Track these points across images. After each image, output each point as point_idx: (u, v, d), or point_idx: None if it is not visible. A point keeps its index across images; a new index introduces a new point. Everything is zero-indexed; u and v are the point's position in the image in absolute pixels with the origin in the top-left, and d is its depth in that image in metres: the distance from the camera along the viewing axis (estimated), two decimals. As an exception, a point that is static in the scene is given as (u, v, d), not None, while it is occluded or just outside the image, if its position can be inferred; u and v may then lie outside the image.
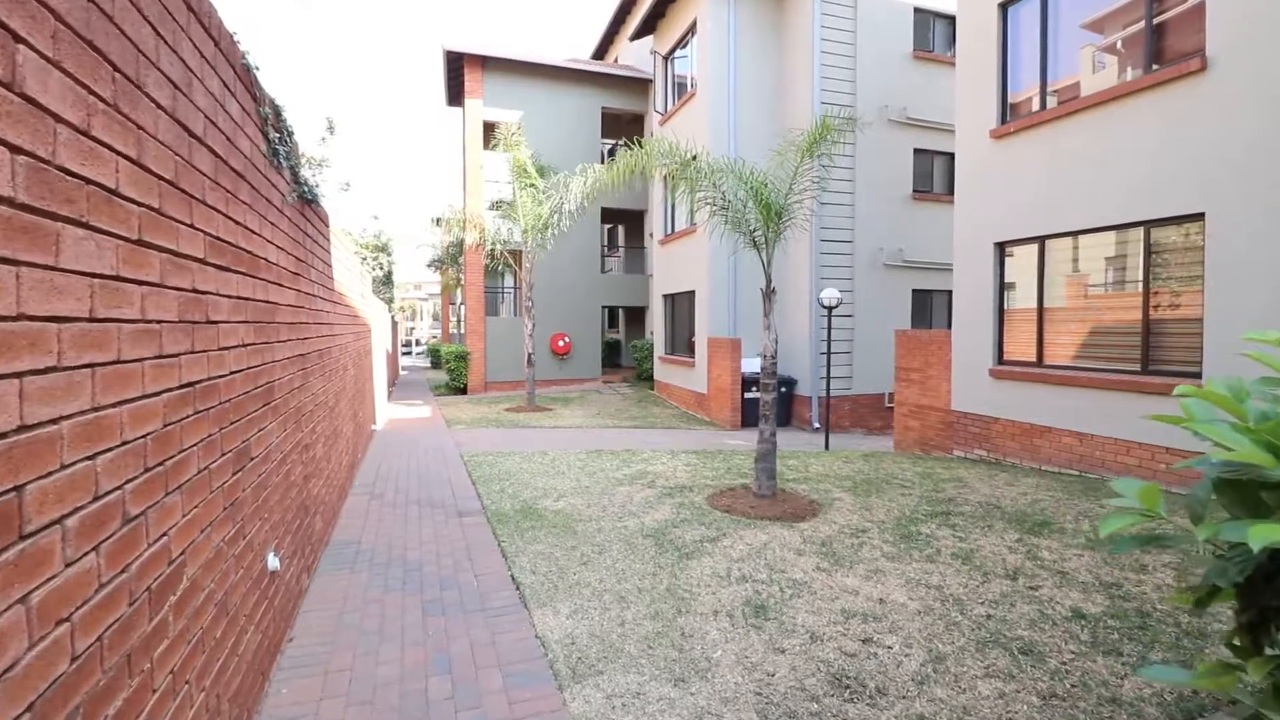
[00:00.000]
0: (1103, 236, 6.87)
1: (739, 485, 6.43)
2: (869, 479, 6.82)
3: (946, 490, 6.26)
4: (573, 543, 4.67)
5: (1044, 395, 7.33)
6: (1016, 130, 7.74)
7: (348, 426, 6.18)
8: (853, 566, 4.17)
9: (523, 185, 14.12)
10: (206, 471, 1.99)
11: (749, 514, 5.36)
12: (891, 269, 13.25)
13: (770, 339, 5.71)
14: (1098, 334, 6.93)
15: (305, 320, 3.83)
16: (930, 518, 5.27)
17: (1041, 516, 5.26)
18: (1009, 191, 7.84)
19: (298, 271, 3.59)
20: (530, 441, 9.62)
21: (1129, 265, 6.65)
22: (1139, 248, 6.46)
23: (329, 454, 4.81)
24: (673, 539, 4.73)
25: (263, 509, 2.68)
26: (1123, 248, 6.71)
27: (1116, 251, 6.81)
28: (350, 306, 6.59)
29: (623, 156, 5.58)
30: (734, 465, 7.59)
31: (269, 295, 2.86)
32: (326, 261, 4.89)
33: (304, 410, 3.78)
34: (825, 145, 5.82)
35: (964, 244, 8.57)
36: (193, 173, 1.92)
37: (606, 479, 6.80)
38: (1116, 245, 6.78)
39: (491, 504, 5.78)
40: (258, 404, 2.64)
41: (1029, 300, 7.73)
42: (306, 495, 3.80)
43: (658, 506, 5.67)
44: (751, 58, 13.26)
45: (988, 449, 8.09)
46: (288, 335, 3.29)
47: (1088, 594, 3.71)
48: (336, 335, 5.46)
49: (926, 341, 9.13)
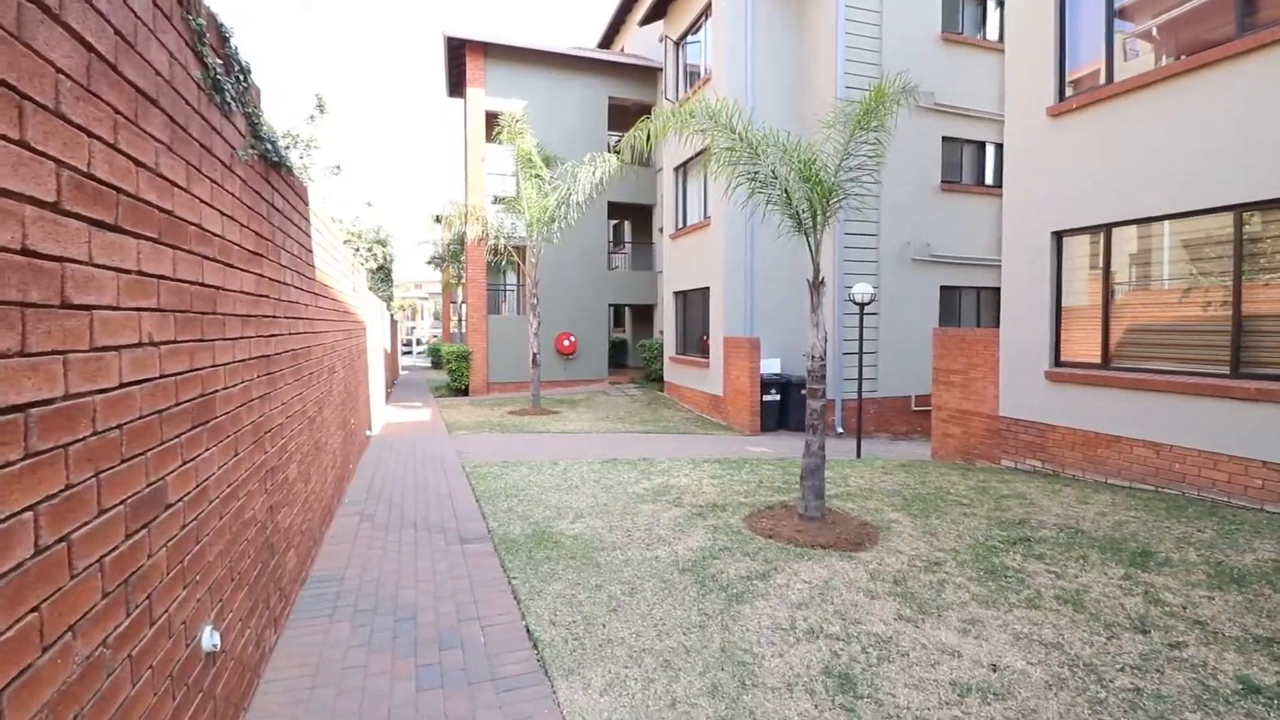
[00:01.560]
0: (1182, 223, 6.11)
1: (777, 504, 5.68)
2: (919, 495, 6.07)
3: (1012, 509, 5.52)
4: (597, 579, 3.92)
5: (1111, 400, 6.57)
6: (1079, 107, 6.98)
7: (335, 437, 5.44)
8: (941, 614, 3.42)
9: (528, 176, 13.38)
10: (65, 544, 1.25)
11: (797, 540, 4.61)
12: (919, 264, 12.50)
13: (820, 337, 4.96)
14: (1176, 333, 6.17)
15: (272, 313, 3.09)
16: (1009, 546, 4.52)
17: (1137, 544, 4.51)
18: (1068, 175, 7.09)
19: (259, 251, 2.84)
20: (537, 449, 8.88)
21: (1215, 255, 5.88)
22: (1228, 234, 5.70)
23: (307, 473, 4.07)
24: (715, 575, 3.98)
25: (192, 569, 1.94)
26: (1207, 235, 5.94)
27: (1199, 239, 6.05)
28: (339, 301, 5.84)
29: (657, 117, 4.82)
30: (764, 478, 6.84)
31: (206, 276, 2.12)
32: (306, 246, 4.14)
33: (269, 426, 3.04)
34: (879, 116, 5.09)
35: (1015, 234, 7.82)
36: (31, 58, 1.17)
37: (626, 495, 6.05)
38: (1199, 232, 6.01)
39: (499, 526, 5.04)
40: (183, 425, 1.90)
41: (1092, 295, 6.98)
42: (273, 531, 3.06)
43: (689, 530, 4.92)
44: (769, 42, 12.51)
45: (1043, 459, 7.34)
46: (242, 331, 2.55)
47: (1246, 655, 2.96)
48: (320, 333, 4.72)
49: (970, 341, 8.38)
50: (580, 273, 17.97)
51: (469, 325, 17.55)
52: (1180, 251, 6.26)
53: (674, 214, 15.19)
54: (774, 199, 4.86)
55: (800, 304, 12.86)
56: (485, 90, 17.09)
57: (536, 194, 13.26)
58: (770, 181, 4.71)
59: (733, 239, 12.46)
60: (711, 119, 4.54)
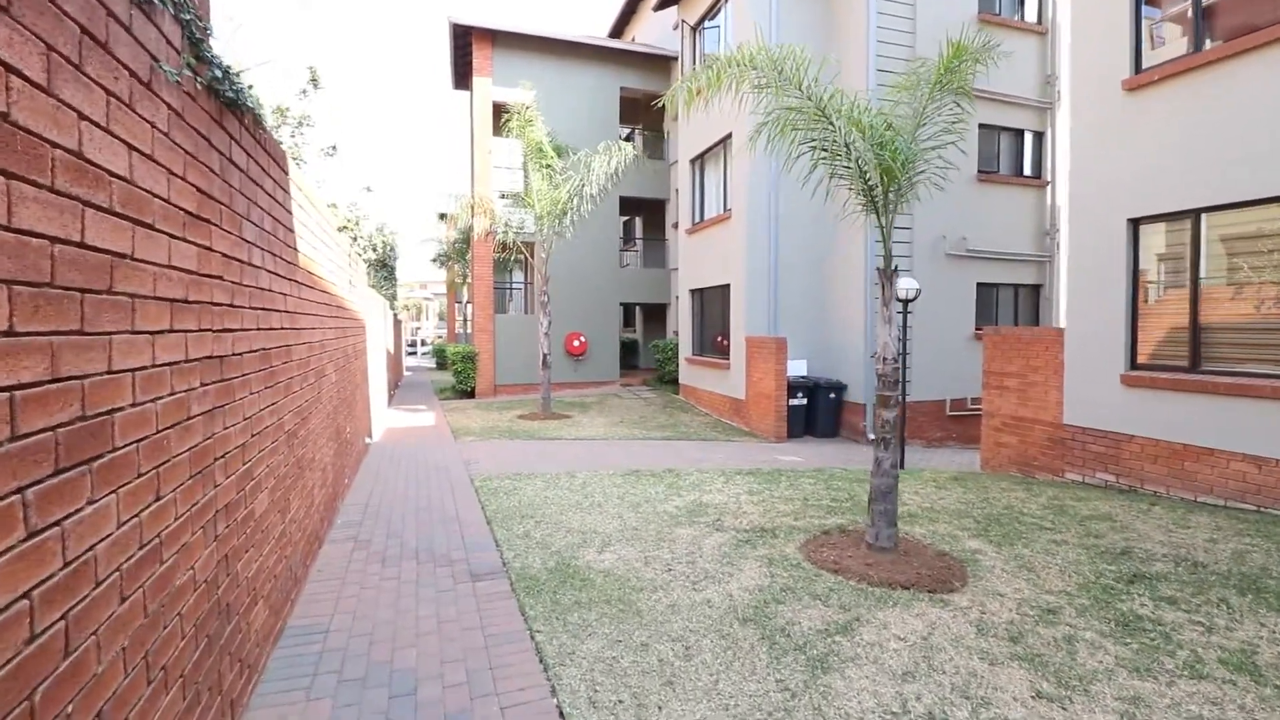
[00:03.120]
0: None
1: (834, 528, 4.93)
2: (990, 516, 5.32)
3: (1106, 535, 4.76)
4: (641, 633, 3.17)
5: (1202, 408, 5.80)
6: (1161, 79, 6.21)
7: (325, 451, 4.72)
8: (1088, 689, 2.67)
9: (538, 166, 12.65)
10: None
11: (870, 577, 3.86)
12: (954, 259, 11.72)
13: (892, 335, 4.21)
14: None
15: (228, 301, 2.36)
16: (1126, 585, 3.77)
17: (1275, 581, 3.76)
18: (1148, 157, 6.32)
19: (204, 215, 2.11)
20: (552, 458, 8.14)
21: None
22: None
23: (286, 500, 3.34)
24: (786, 627, 3.23)
25: (78, 677, 1.21)
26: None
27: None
28: (331, 294, 5.12)
29: (710, 65, 4.06)
30: (808, 494, 6.09)
31: (93, 235, 1.39)
32: (285, 224, 3.42)
33: (222, 450, 2.31)
34: (960, 75, 4.36)
35: (1082, 222, 7.05)
36: None
37: (657, 515, 5.31)
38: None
39: (515, 557, 4.29)
40: (38, 468, 1.17)
41: (1177, 290, 6.21)
42: (230, 586, 2.33)
43: (739, 563, 4.17)
44: (794, 26, 11.73)
45: (1116, 473, 6.57)
46: (172, 322, 1.82)
47: None
48: (305, 329, 3.99)
49: (1028, 341, 7.61)
50: (591, 270, 17.23)
51: (475, 325, 16.82)
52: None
53: (690, 207, 14.44)
54: (840, 171, 4.12)
55: (827, 300, 12.10)
56: (493, 80, 16.38)
57: (547, 186, 12.53)
58: (838, 150, 3.97)
59: (755, 232, 11.71)
60: (776, 68, 3.79)
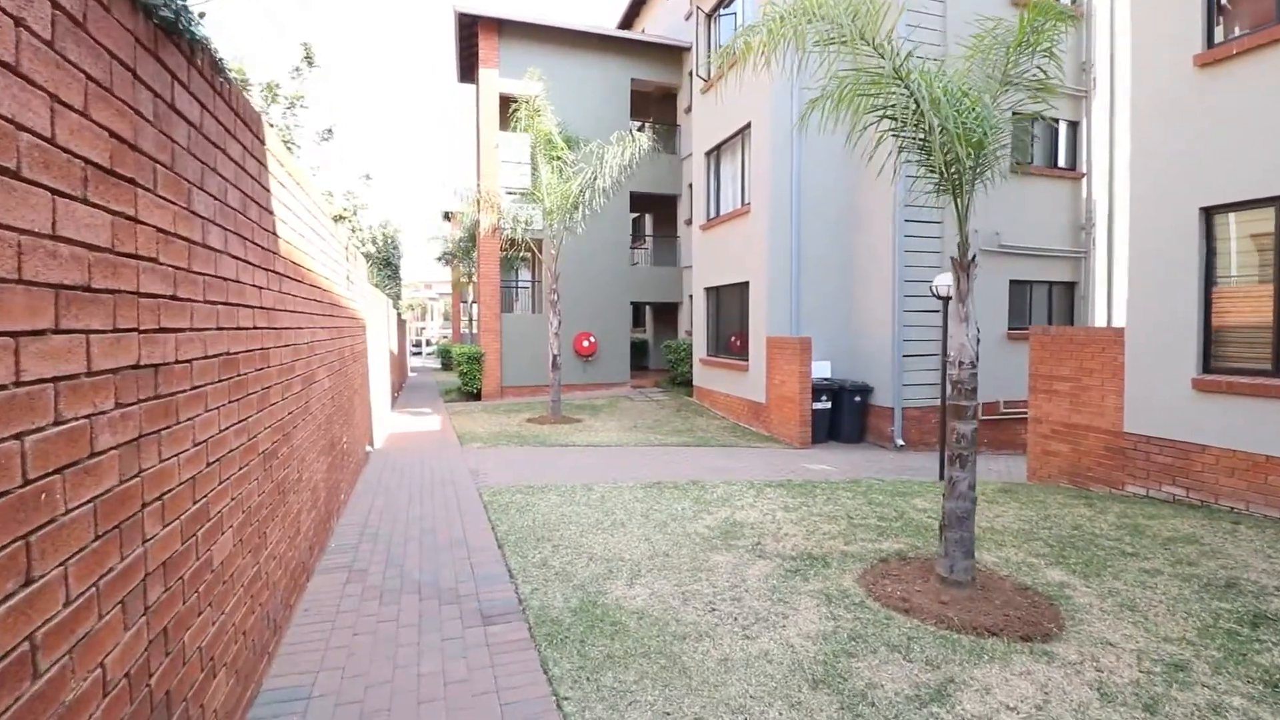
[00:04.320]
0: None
1: (891, 554, 4.35)
2: (1059, 537, 4.73)
3: (1198, 561, 4.17)
4: (693, 702, 2.59)
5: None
6: (1240, 53, 5.61)
7: (316, 467, 4.16)
8: (1273, 788, 2.10)
9: (547, 159, 12.10)
10: None
11: (949, 620, 3.28)
12: (986, 255, 11.08)
13: (971, 336, 3.63)
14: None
15: (169, 291, 1.81)
16: (1251, 628, 3.19)
17: None
18: (1224, 139, 5.73)
19: (125, 173, 1.56)
20: (565, 467, 7.57)
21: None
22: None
23: (259, 536, 2.79)
24: (864, 691, 2.65)
25: None
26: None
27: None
28: (324, 290, 4.57)
29: (771, 15, 3.49)
30: (851, 511, 5.50)
31: None
32: (261, 203, 2.86)
33: (158, 491, 1.76)
34: (1046, 35, 3.79)
35: (1145, 214, 6.47)
36: None
37: (688, 537, 4.74)
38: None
39: (533, 592, 3.73)
40: None
41: (1258, 285, 5.61)
42: (171, 666, 1.78)
43: (791, 599, 3.60)
44: (819, 6, 11.14)
45: (1187, 486, 5.97)
46: (58, 319, 1.27)
47: None
48: (288, 329, 3.44)
49: (1082, 342, 7.01)
50: (600, 268, 16.65)
51: (481, 324, 16.28)
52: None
53: (705, 202, 13.86)
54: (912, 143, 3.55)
55: (852, 298, 11.50)
56: (499, 72, 15.83)
57: (557, 179, 11.98)
58: (910, 119, 3.40)
59: (776, 226, 11.12)
60: (850, 13, 3.20)
